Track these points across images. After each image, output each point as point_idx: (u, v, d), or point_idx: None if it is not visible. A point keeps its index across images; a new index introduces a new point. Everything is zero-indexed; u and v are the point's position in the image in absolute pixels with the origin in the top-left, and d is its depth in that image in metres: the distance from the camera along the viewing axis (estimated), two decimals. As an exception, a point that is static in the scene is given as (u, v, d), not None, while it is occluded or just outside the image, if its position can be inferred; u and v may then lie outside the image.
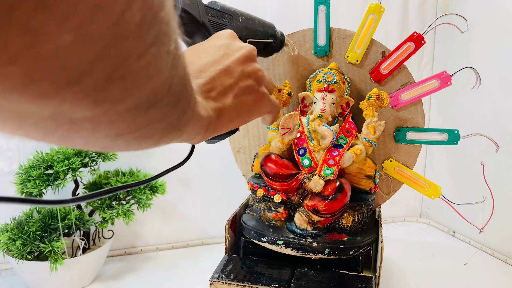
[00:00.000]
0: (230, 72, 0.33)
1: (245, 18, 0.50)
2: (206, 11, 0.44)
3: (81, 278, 0.73)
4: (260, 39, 0.53)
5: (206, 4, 0.45)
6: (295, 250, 0.58)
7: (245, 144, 0.76)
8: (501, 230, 0.86)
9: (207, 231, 0.97)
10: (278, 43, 0.58)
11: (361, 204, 0.62)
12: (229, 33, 0.38)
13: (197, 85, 0.31)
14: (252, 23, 0.51)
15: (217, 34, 0.38)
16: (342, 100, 0.65)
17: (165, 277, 0.79)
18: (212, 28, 0.44)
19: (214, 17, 0.45)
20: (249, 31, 0.51)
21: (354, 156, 0.60)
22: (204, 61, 0.33)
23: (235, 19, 0.48)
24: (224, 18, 0.47)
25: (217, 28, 0.45)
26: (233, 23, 0.48)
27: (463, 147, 0.70)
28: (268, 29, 0.55)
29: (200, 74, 0.32)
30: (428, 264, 0.86)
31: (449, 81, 0.63)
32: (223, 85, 0.32)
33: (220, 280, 0.57)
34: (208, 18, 0.44)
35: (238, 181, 0.80)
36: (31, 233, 0.65)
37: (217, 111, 0.31)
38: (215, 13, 0.45)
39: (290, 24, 0.93)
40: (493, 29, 0.87)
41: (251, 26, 0.51)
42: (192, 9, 0.42)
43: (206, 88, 0.31)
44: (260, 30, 0.53)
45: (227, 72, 0.33)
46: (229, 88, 0.33)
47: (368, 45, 0.66)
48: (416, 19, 1.04)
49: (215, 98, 0.31)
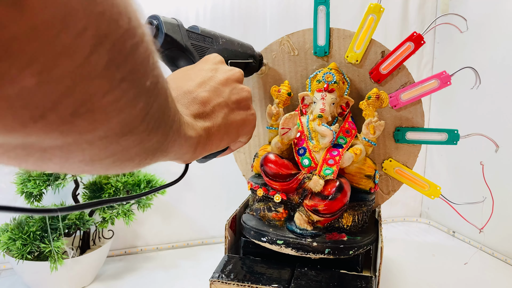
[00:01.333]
0: (219, 92, 0.35)
1: (225, 40, 0.52)
2: (188, 35, 0.45)
3: (81, 278, 0.74)
4: (240, 59, 0.56)
5: (188, 29, 0.46)
6: (295, 250, 0.58)
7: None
8: (501, 230, 0.86)
9: (207, 231, 0.97)
10: (257, 62, 0.61)
11: (361, 204, 0.62)
12: (216, 57, 0.40)
13: (186, 105, 0.31)
14: (231, 44, 0.53)
15: (204, 58, 0.40)
16: (342, 100, 0.65)
17: (165, 277, 0.79)
18: (195, 52, 0.45)
19: (196, 40, 0.46)
20: (230, 52, 0.53)
21: (353, 156, 0.60)
22: (193, 83, 0.34)
23: (216, 42, 0.50)
24: (206, 41, 0.48)
25: (200, 51, 0.46)
26: (215, 46, 0.50)
27: (463, 147, 0.70)
28: (247, 50, 0.58)
29: (189, 95, 0.32)
30: (428, 264, 0.86)
31: (448, 81, 0.63)
32: (212, 104, 0.33)
33: (220, 280, 0.57)
34: (190, 42, 0.45)
35: (238, 181, 0.80)
36: (31, 233, 0.65)
37: (207, 130, 0.31)
38: (196, 37, 0.47)
39: (290, 24, 0.93)
40: (493, 29, 0.87)
41: (231, 48, 0.53)
42: (175, 34, 0.43)
43: (195, 108, 0.32)
44: (240, 51, 0.56)
45: (216, 92, 0.34)
46: (219, 107, 0.34)
47: (367, 45, 0.66)
48: (416, 19, 1.04)
49: (204, 117, 0.32)
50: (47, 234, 0.67)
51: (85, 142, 0.17)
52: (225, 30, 0.91)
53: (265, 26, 0.94)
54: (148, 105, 0.19)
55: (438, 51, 1.06)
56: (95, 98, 0.16)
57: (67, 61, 0.14)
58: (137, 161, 0.22)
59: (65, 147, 0.17)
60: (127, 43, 0.16)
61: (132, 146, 0.20)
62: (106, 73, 0.15)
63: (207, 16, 0.90)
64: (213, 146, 0.33)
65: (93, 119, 0.16)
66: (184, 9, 0.88)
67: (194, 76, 0.35)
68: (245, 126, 0.38)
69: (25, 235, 0.65)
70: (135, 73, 0.17)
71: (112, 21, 0.15)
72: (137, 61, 0.17)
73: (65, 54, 0.13)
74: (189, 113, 0.31)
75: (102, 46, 0.14)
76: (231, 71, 0.38)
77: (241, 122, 0.37)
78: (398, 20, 1.03)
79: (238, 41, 0.56)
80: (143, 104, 0.19)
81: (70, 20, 0.13)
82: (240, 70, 0.39)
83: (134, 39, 0.16)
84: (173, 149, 0.26)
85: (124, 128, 0.18)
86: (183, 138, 0.27)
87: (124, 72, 0.16)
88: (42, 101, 0.14)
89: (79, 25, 0.13)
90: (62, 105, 0.15)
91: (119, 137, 0.19)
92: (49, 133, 0.15)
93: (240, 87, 0.37)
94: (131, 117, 0.18)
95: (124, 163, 0.21)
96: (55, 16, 0.13)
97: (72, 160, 0.18)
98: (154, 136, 0.22)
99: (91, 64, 0.14)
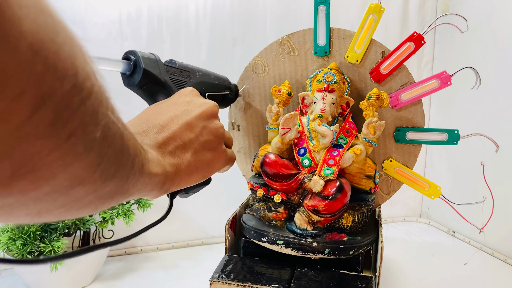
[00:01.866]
0: (191, 127, 0.34)
1: (202, 73, 0.53)
2: (166, 70, 0.45)
3: (81, 278, 0.73)
4: (217, 92, 0.56)
5: (165, 63, 0.46)
6: (295, 250, 0.58)
7: (245, 144, 0.76)
8: (501, 230, 0.86)
9: (207, 231, 0.97)
10: (233, 94, 0.63)
11: (361, 204, 0.62)
12: (190, 91, 0.39)
13: (155, 140, 0.30)
14: (208, 77, 0.54)
15: (179, 92, 0.39)
16: (342, 100, 0.65)
17: (165, 277, 0.79)
18: (173, 86, 0.45)
19: (174, 75, 0.46)
20: (207, 85, 0.53)
21: (354, 156, 0.60)
22: (166, 117, 0.33)
23: (193, 75, 0.50)
24: (183, 75, 0.48)
25: (178, 85, 0.46)
26: (192, 79, 0.50)
27: (463, 147, 0.70)
28: (223, 82, 0.59)
29: (160, 129, 0.32)
30: (428, 264, 0.86)
31: (449, 81, 0.63)
32: (183, 140, 0.32)
33: (220, 280, 0.57)
34: (169, 76, 0.45)
35: (238, 181, 0.80)
36: (31, 233, 0.65)
37: (175, 166, 0.30)
38: (174, 71, 0.47)
39: (290, 24, 0.93)
40: (493, 29, 0.87)
41: (208, 80, 0.54)
42: (153, 69, 0.43)
43: (164, 143, 0.31)
44: (216, 83, 0.56)
45: (188, 127, 0.33)
46: (189, 143, 0.33)
47: (368, 45, 0.66)
48: (416, 19, 1.04)
49: (173, 153, 0.31)
50: (47, 234, 0.67)
51: (28, 200, 0.16)
52: (225, 30, 0.92)
53: (265, 26, 0.94)
54: (101, 155, 0.18)
55: (438, 51, 1.06)
56: (38, 158, 0.14)
57: (1, 125, 0.13)
58: (93, 207, 0.21)
59: (5, 206, 0.16)
60: (74, 99, 0.15)
61: (84, 196, 0.19)
62: (51, 132, 0.14)
63: (207, 16, 0.90)
64: (182, 181, 0.32)
65: (36, 178, 0.15)
66: (184, 9, 0.88)
67: (167, 110, 0.34)
68: (216, 163, 0.37)
69: (25, 235, 0.65)
70: (85, 127, 0.16)
71: (56, 80, 0.14)
72: (86, 114, 0.16)
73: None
74: (158, 147, 0.30)
75: (45, 106, 0.14)
76: (205, 105, 0.37)
77: (211, 160, 0.36)
78: (398, 20, 1.03)
79: (214, 73, 0.56)
80: (95, 155, 0.18)
81: (5, 84, 0.12)
82: (215, 104, 0.38)
83: (82, 93, 0.15)
84: (136, 189, 0.25)
85: (74, 181, 0.17)
86: (147, 176, 0.26)
87: (71, 128, 0.15)
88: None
89: (16, 89, 0.12)
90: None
91: (69, 190, 0.17)
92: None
93: (213, 123, 0.36)
94: (81, 169, 0.17)
95: (77, 211, 0.20)
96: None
97: (16, 214, 0.17)
98: (111, 182, 0.20)
99: (32, 126, 0.13)
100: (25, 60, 0.12)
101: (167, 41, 0.88)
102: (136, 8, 0.85)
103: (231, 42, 0.93)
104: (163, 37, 0.88)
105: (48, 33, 0.13)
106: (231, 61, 0.93)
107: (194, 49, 0.90)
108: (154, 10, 0.86)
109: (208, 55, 0.91)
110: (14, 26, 0.12)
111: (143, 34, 0.86)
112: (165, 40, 0.88)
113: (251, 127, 0.75)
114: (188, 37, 0.90)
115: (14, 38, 0.12)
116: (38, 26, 0.13)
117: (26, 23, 0.12)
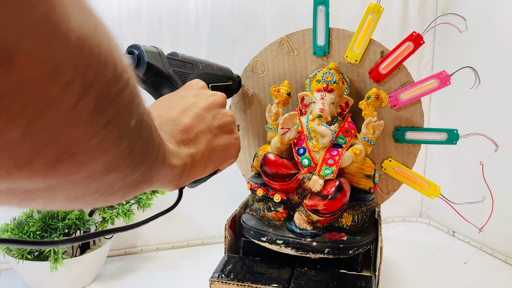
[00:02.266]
0: (202, 118, 0.35)
1: (204, 64, 0.53)
2: (170, 62, 0.46)
3: (81, 278, 0.74)
4: (220, 82, 0.57)
5: (168, 56, 0.46)
6: (294, 249, 0.58)
7: (245, 144, 0.76)
8: (500, 230, 0.86)
9: (207, 231, 0.97)
10: (236, 84, 0.63)
11: (360, 203, 0.62)
12: (198, 83, 0.40)
13: (170, 134, 0.32)
14: (211, 69, 0.54)
15: (187, 85, 0.40)
16: (341, 100, 0.65)
17: (165, 277, 0.79)
18: (177, 78, 0.46)
19: (177, 67, 0.47)
20: (210, 76, 0.54)
21: (353, 156, 0.60)
22: (176, 110, 0.34)
23: (196, 67, 0.51)
24: (186, 67, 0.49)
25: (182, 77, 0.47)
26: (195, 71, 0.50)
27: (462, 147, 0.70)
28: (226, 72, 0.59)
29: (173, 123, 0.33)
30: (428, 264, 0.86)
31: (448, 80, 0.63)
32: (196, 131, 0.34)
33: (220, 280, 0.57)
34: (172, 69, 0.45)
35: (238, 181, 0.80)
36: (31, 233, 0.65)
37: (191, 157, 0.32)
38: (177, 63, 0.47)
39: (290, 24, 0.94)
40: (492, 29, 0.87)
41: (211, 72, 0.54)
42: (157, 62, 0.43)
43: (179, 136, 0.32)
44: (219, 74, 0.56)
45: (199, 118, 0.35)
46: (202, 134, 0.34)
47: (367, 45, 0.66)
48: (415, 19, 1.04)
49: (188, 144, 0.32)
50: (47, 234, 0.67)
51: (69, 182, 0.17)
52: (225, 30, 0.92)
53: (265, 26, 0.94)
54: (132, 143, 0.19)
55: (438, 51, 1.06)
56: (80, 143, 0.16)
57: (53, 112, 0.14)
58: (121, 194, 0.22)
59: (49, 189, 0.17)
60: (112, 89, 0.16)
61: (115, 182, 0.20)
62: (92, 119, 0.15)
63: (207, 16, 0.90)
64: (198, 172, 0.33)
65: (77, 162, 0.16)
66: (184, 9, 0.89)
67: (176, 103, 0.36)
68: (229, 151, 0.38)
69: (25, 235, 0.65)
70: (120, 115, 0.17)
71: (98, 71, 0.15)
72: (122, 104, 0.17)
73: (51, 105, 0.13)
74: (173, 140, 0.31)
75: (88, 95, 0.15)
76: (213, 96, 0.38)
77: (225, 147, 0.37)
78: (397, 20, 1.03)
79: (216, 64, 0.57)
80: (127, 143, 0.19)
81: (57, 73, 0.13)
82: (222, 94, 0.39)
83: (120, 85, 0.17)
84: (157, 179, 0.26)
85: (109, 167, 0.18)
86: (168, 167, 0.27)
87: (109, 116, 0.16)
88: (27, 150, 0.14)
89: (66, 78, 0.14)
90: (46, 152, 0.15)
91: (103, 175, 0.19)
92: (33, 178, 0.15)
93: (223, 112, 0.38)
94: (115, 156, 0.18)
95: (108, 197, 0.22)
96: (43, 71, 0.13)
97: (56, 198, 0.18)
98: (138, 170, 0.22)
99: (76, 112, 0.15)
100: (74, 51, 0.14)
101: (167, 41, 0.88)
102: (136, 7, 0.85)
103: (231, 42, 0.93)
104: (163, 37, 0.88)
105: (90, 28, 0.15)
106: (231, 61, 0.93)
107: (194, 49, 0.91)
108: (154, 10, 0.87)
109: (208, 55, 0.92)
110: (64, 20, 0.13)
111: (143, 34, 0.86)
112: (165, 40, 0.88)
113: (251, 127, 0.75)
114: (188, 37, 0.90)
115: (65, 30, 0.13)
116: (82, 21, 0.14)
117: (72, 18, 0.13)
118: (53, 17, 0.13)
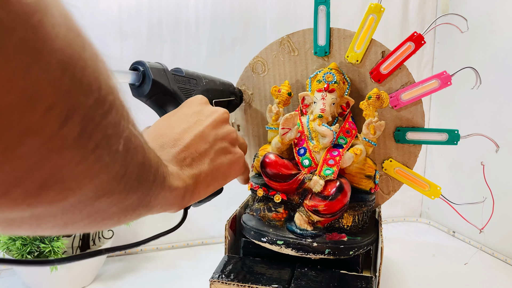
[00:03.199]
0: (204, 137, 0.34)
1: (208, 80, 0.52)
2: (175, 79, 0.45)
3: (81, 278, 0.73)
4: (223, 98, 0.56)
5: (173, 72, 0.46)
6: (295, 250, 0.58)
7: (245, 144, 0.76)
8: (501, 230, 0.86)
9: (207, 231, 0.97)
10: (238, 99, 0.63)
11: (361, 204, 0.62)
12: (200, 99, 0.39)
13: (172, 154, 0.31)
14: (214, 84, 0.54)
15: (188, 101, 0.39)
16: (342, 100, 0.65)
17: (165, 277, 0.79)
18: (182, 95, 0.45)
19: (182, 84, 0.46)
20: (213, 92, 0.53)
21: (354, 156, 0.60)
22: (178, 129, 0.34)
23: (200, 83, 0.50)
24: (191, 83, 0.48)
25: (186, 93, 0.46)
26: (199, 87, 0.50)
27: (463, 147, 0.70)
28: (228, 87, 0.59)
29: (175, 143, 0.32)
30: (428, 264, 0.86)
31: (449, 81, 0.63)
32: (198, 151, 0.33)
33: (220, 280, 0.57)
34: (177, 86, 0.45)
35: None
36: (26, 238, 0.65)
37: (194, 178, 0.31)
38: (182, 79, 0.46)
39: (290, 24, 0.93)
40: (493, 29, 0.87)
41: (214, 87, 0.54)
42: (162, 79, 0.43)
43: (181, 156, 0.31)
44: (222, 89, 0.56)
45: (201, 137, 0.34)
46: (205, 153, 0.33)
47: (368, 45, 0.66)
48: (416, 19, 1.04)
49: (190, 165, 0.31)
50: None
51: (56, 209, 0.17)
52: (225, 30, 0.92)
53: (265, 26, 0.94)
54: (124, 167, 0.19)
55: (438, 51, 1.06)
56: (66, 169, 0.15)
57: (33, 139, 0.13)
58: (116, 219, 0.22)
59: (34, 216, 0.16)
60: (97, 112, 0.16)
61: (109, 207, 0.20)
62: (78, 144, 0.15)
63: (207, 16, 0.90)
64: (201, 193, 0.33)
65: (64, 188, 0.16)
66: (184, 9, 0.88)
67: (179, 122, 0.35)
68: (232, 169, 0.37)
69: (19, 240, 0.65)
70: (109, 138, 0.17)
71: (82, 93, 0.14)
72: (109, 126, 0.16)
73: (30, 132, 0.13)
74: (175, 161, 0.30)
75: (72, 119, 0.14)
76: (216, 113, 0.37)
77: (228, 166, 0.36)
78: (398, 20, 1.03)
79: (219, 79, 0.56)
80: (119, 167, 0.18)
81: (37, 99, 0.13)
82: (225, 110, 0.39)
83: (105, 107, 0.16)
84: (157, 202, 0.25)
85: (99, 192, 0.18)
86: (168, 190, 0.26)
87: (96, 140, 0.16)
88: (6, 178, 0.13)
89: (46, 103, 0.13)
90: (28, 180, 0.14)
91: (94, 201, 0.18)
92: (14, 207, 0.15)
93: (225, 129, 0.37)
94: (106, 181, 0.18)
95: (102, 223, 0.21)
96: (21, 97, 0.12)
97: (44, 225, 0.18)
98: (134, 194, 0.21)
99: (61, 138, 0.14)
100: (55, 75, 0.13)
101: (167, 41, 0.88)
102: (136, 7, 0.85)
103: (231, 42, 0.93)
104: (163, 37, 0.88)
105: (76, 49, 0.14)
106: (231, 61, 0.93)
107: (194, 49, 0.90)
108: (154, 10, 0.86)
109: (208, 55, 0.91)
110: (47, 44, 0.13)
111: (143, 34, 0.86)
112: (165, 40, 0.88)
113: (251, 127, 0.75)
114: (188, 37, 0.90)
115: (47, 55, 0.13)
116: (67, 43, 0.14)
117: (57, 41, 0.13)
118: (33, 41, 0.12)
